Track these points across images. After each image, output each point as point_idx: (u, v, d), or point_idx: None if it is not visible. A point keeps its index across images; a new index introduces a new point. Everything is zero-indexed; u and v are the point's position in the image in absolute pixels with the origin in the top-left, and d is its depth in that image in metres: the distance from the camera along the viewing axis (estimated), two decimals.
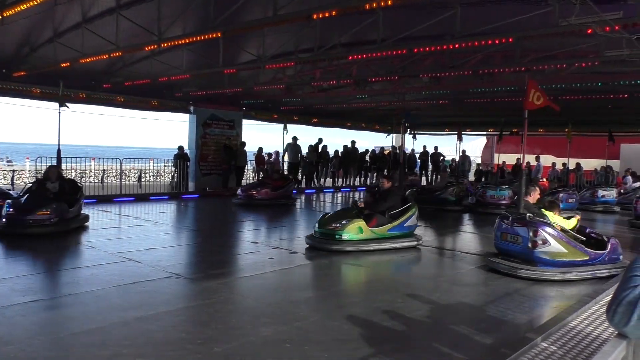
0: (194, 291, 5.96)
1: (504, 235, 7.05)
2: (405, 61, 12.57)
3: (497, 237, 7.21)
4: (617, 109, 18.08)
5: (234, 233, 10.20)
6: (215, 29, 8.69)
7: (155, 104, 17.36)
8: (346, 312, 5.04)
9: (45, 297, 5.21)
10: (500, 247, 7.16)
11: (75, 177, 16.25)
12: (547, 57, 10.57)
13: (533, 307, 5.62)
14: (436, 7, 8.74)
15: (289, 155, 19.00)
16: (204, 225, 11.47)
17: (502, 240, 7.09)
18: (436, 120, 24.63)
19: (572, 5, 6.03)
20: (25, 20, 9.68)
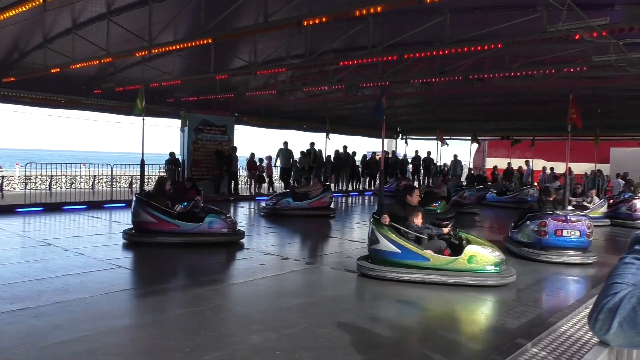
0: (184, 298, 5.92)
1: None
2: (396, 67, 12.63)
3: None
4: (606, 113, 18.25)
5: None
6: (206, 35, 8.69)
7: (147, 110, 17.27)
8: (337, 319, 5.02)
9: (32, 305, 5.15)
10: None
11: (66, 183, 16.19)
12: (536, 63, 10.67)
13: (524, 312, 5.63)
14: (426, 13, 8.80)
15: (280, 161, 19.00)
16: None
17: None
18: (428, 125, 24.74)
19: (560, 11, 6.08)
20: (14, 25, 9.63)
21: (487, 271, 6.51)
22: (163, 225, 8.71)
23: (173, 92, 15.84)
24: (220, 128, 18.33)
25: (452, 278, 6.43)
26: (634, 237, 1.28)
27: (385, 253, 6.64)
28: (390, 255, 6.61)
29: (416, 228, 6.79)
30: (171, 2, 9.05)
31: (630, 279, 1.19)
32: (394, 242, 6.58)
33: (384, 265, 6.61)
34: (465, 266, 6.47)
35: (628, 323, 1.12)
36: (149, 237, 8.68)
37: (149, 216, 8.70)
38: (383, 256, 6.67)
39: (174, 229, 8.73)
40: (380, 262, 6.69)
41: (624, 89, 13.24)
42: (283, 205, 12.91)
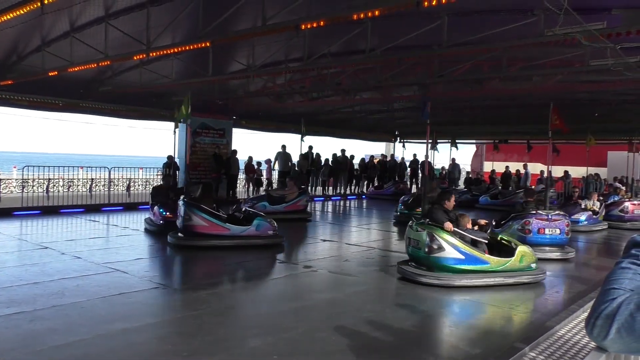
0: (181, 302, 5.91)
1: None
2: (394, 70, 12.64)
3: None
4: (603, 117, 18.32)
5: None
6: (204, 38, 8.68)
7: (145, 113, 17.30)
8: (334, 323, 5.01)
9: (28, 308, 5.13)
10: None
11: (63, 186, 16.14)
12: (534, 66, 10.69)
13: (521, 316, 5.63)
14: (424, 17, 8.81)
15: (279, 164, 18.99)
16: None
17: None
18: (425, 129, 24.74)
19: (557, 16, 6.09)
20: (12, 29, 9.62)
21: (531, 269, 6.90)
22: (215, 229, 8.87)
23: (171, 96, 15.83)
24: (218, 131, 18.32)
25: (511, 279, 6.71)
26: (630, 241, 1.27)
27: (449, 260, 6.57)
28: (454, 262, 6.58)
29: (473, 232, 6.88)
30: (169, 6, 9.05)
31: (627, 285, 1.19)
32: (459, 249, 6.58)
33: (446, 272, 6.57)
34: (516, 266, 6.76)
35: (626, 329, 1.12)
36: (201, 241, 8.77)
37: (201, 220, 8.81)
38: (447, 263, 6.58)
39: (224, 232, 8.90)
40: (442, 270, 6.59)
41: (621, 92, 13.29)
42: (259, 209, 12.23)
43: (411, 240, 6.98)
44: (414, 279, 6.66)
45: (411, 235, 6.99)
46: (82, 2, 8.79)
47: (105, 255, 8.05)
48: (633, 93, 13.05)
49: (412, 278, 6.70)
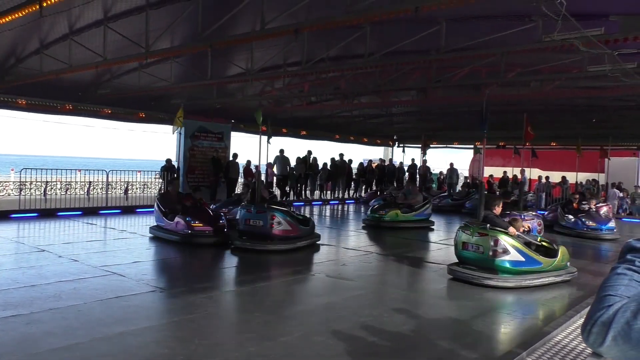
0: (178, 305, 5.89)
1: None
2: (392, 75, 12.67)
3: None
4: (601, 123, 18.37)
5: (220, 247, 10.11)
6: (203, 42, 8.70)
7: (143, 116, 17.30)
8: (332, 327, 5.00)
9: (25, 311, 5.11)
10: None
11: (61, 189, 16.10)
12: (532, 72, 10.73)
13: (519, 321, 5.62)
14: (422, 22, 8.84)
15: (277, 168, 19.00)
16: None
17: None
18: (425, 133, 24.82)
19: (555, 22, 6.12)
20: (10, 31, 9.62)
21: (567, 267, 7.53)
22: (296, 231, 9.29)
23: (170, 99, 15.83)
24: (217, 135, 18.32)
25: (559, 277, 7.30)
26: (626, 246, 1.27)
27: (513, 262, 6.94)
28: (517, 264, 6.97)
29: (528, 235, 7.41)
30: (168, 9, 9.07)
31: (623, 291, 1.19)
32: (521, 251, 6.96)
33: (508, 275, 6.93)
34: (560, 265, 7.35)
35: (622, 337, 1.12)
36: (289, 244, 9.04)
37: (287, 223, 9.14)
38: (512, 266, 6.94)
39: (299, 233, 9.32)
40: (505, 272, 6.92)
41: (618, 98, 13.34)
42: (234, 214, 11.56)
43: (469, 244, 7.27)
44: (478, 282, 6.93)
45: (470, 240, 7.27)
46: (81, 5, 8.79)
47: (103, 258, 8.03)
48: (630, 99, 13.09)
49: (475, 281, 6.96)
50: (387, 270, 8.29)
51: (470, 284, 6.95)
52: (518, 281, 6.93)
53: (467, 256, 7.31)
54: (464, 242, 7.37)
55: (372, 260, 8.92)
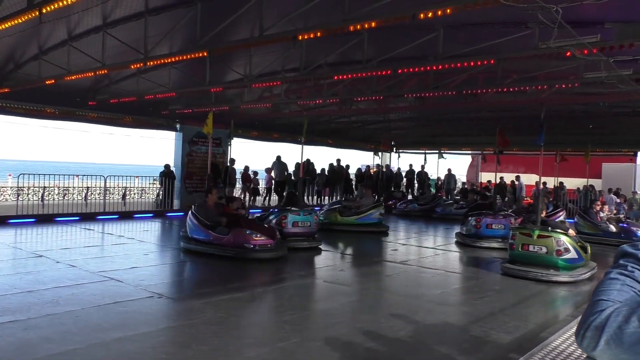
0: (176, 311, 5.89)
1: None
2: (390, 81, 12.73)
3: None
4: (597, 129, 18.45)
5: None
6: (202, 48, 8.73)
7: (141, 122, 17.32)
8: (329, 333, 5.01)
9: (22, 317, 5.11)
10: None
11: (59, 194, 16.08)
12: (528, 79, 10.79)
13: (516, 327, 5.63)
14: (419, 29, 8.89)
15: (275, 173, 19.02)
16: None
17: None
18: (422, 139, 24.91)
19: (551, 29, 6.17)
20: (9, 37, 9.65)
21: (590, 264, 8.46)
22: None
23: (168, 104, 15.86)
24: (215, 140, 18.34)
25: (592, 270, 8.26)
26: (619, 251, 1.30)
27: (571, 260, 7.93)
28: (573, 261, 7.99)
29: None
30: (167, 15, 9.11)
31: (615, 296, 1.21)
32: (576, 249, 7.97)
33: (566, 271, 7.91)
34: (589, 258, 8.42)
35: (615, 341, 1.14)
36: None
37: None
38: (569, 263, 7.95)
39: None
40: (565, 269, 7.91)
41: (614, 105, 13.40)
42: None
43: (529, 245, 8.11)
44: (546, 279, 7.77)
45: (531, 241, 8.08)
46: (80, 12, 8.82)
47: (100, 263, 8.02)
48: (626, 105, 13.17)
49: (542, 278, 7.79)
50: (385, 275, 8.29)
51: (535, 280, 7.73)
52: (576, 276, 7.86)
53: (528, 256, 8.13)
54: (524, 244, 8.13)
55: (369, 265, 8.93)
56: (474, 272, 8.92)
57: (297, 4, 7.69)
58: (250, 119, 18.74)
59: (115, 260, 8.42)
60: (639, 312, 1.12)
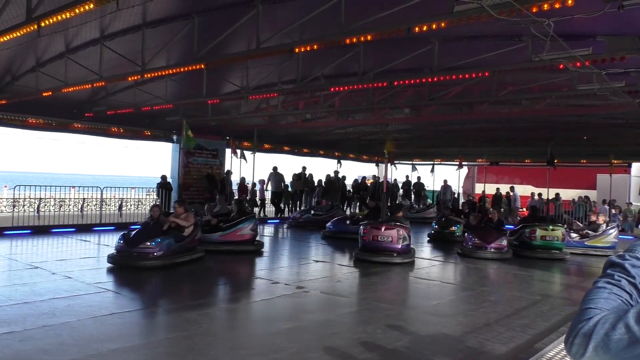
0: (172, 322, 5.89)
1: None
2: (386, 93, 12.83)
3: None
4: (591, 140, 18.58)
5: (215, 263, 10.12)
6: (199, 60, 8.82)
7: (138, 133, 17.37)
8: (326, 344, 5.02)
9: (18, 328, 5.10)
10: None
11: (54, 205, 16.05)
12: (522, 91, 10.90)
13: (511, 337, 5.65)
14: (415, 42, 9.00)
15: (271, 185, 19.06)
16: None
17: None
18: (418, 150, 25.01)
19: (544, 42, 6.27)
20: (7, 50, 9.71)
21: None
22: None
23: (165, 116, 15.92)
24: (212, 152, 18.40)
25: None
26: (607, 262, 1.34)
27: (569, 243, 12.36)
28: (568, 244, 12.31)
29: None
30: (164, 28, 9.19)
31: (602, 304, 1.24)
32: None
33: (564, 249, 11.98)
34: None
35: (602, 348, 1.17)
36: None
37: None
38: (569, 245, 12.30)
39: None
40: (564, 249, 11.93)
41: (608, 116, 13.53)
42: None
43: (547, 236, 11.86)
44: (560, 257, 11.70)
45: (548, 233, 11.87)
46: (78, 25, 8.89)
47: (97, 275, 8.01)
48: (619, 117, 13.30)
49: (557, 257, 11.70)
50: (384, 287, 8.31)
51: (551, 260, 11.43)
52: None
53: (544, 243, 11.80)
54: (543, 235, 11.81)
55: (366, 276, 8.94)
56: (470, 283, 8.94)
57: (293, 17, 7.80)
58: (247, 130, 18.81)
59: (111, 271, 8.40)
60: (625, 320, 1.16)
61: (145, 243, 8.54)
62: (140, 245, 8.52)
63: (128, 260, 8.46)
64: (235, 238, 10.69)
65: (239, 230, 10.79)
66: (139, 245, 8.52)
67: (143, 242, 8.55)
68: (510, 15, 5.28)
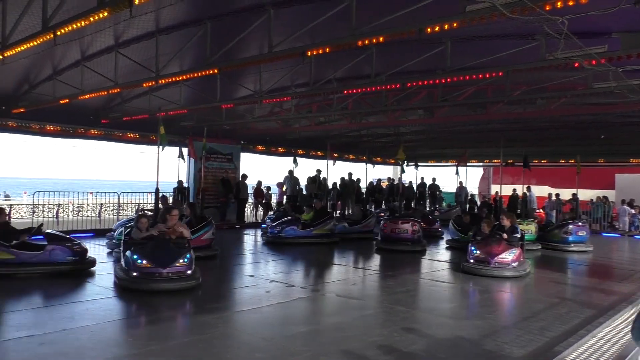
0: (189, 326, 5.93)
1: None
2: (399, 95, 12.80)
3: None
4: (609, 139, 18.32)
5: (230, 266, 10.16)
6: (212, 65, 8.88)
7: (153, 138, 17.53)
8: (341, 347, 5.01)
9: (38, 332, 5.17)
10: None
11: (72, 211, 16.29)
12: (537, 90, 10.79)
13: (530, 340, 5.59)
14: (427, 43, 8.97)
15: (286, 188, 19.10)
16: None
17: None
18: (432, 152, 24.90)
19: (558, 40, 6.21)
20: (25, 59, 9.88)
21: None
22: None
23: (179, 121, 16.05)
24: (226, 156, 18.49)
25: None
26: None
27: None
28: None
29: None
30: (178, 34, 9.29)
31: None
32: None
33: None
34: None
35: None
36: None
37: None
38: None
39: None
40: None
41: (625, 115, 13.34)
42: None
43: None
44: (569, 249, 12.97)
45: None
46: (93, 33, 9.02)
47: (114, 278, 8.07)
48: (637, 115, 13.10)
49: (567, 249, 13.00)
50: (403, 289, 8.27)
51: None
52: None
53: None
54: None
55: (381, 279, 8.91)
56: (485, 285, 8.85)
57: (305, 20, 7.82)
58: (261, 134, 18.92)
59: None
60: None
61: (178, 261, 7.36)
62: (172, 264, 7.29)
63: (160, 283, 7.16)
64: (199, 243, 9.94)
65: (201, 236, 10.38)
66: (170, 265, 7.27)
67: (173, 261, 7.32)
68: (523, 13, 5.24)
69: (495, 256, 9.05)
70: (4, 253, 7.75)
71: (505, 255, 9.09)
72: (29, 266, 7.89)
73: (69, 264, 8.15)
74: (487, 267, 9.02)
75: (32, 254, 7.92)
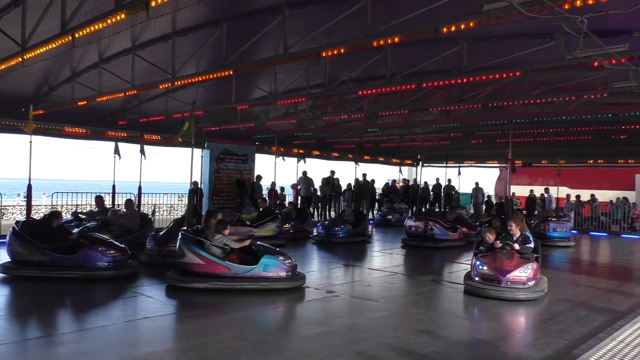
0: (205, 326, 5.94)
1: None
2: (415, 95, 12.73)
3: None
4: (630, 140, 18.01)
5: None
6: (228, 67, 8.92)
7: (169, 140, 17.64)
8: (356, 348, 4.98)
9: (56, 332, 5.24)
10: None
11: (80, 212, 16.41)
12: (555, 90, 10.65)
13: (548, 343, 5.51)
14: (443, 43, 8.91)
15: (301, 189, 19.10)
16: None
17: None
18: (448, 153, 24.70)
19: (577, 39, 6.11)
20: (44, 61, 10.02)
21: None
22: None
23: (195, 123, 16.12)
24: (241, 157, 18.57)
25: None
26: None
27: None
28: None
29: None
30: (193, 36, 9.35)
31: None
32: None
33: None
34: None
35: None
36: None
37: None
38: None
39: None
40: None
41: None
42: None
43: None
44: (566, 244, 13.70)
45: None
46: (111, 35, 9.12)
47: (131, 279, 8.14)
48: None
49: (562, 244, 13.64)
50: (413, 292, 8.22)
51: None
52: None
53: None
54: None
55: (396, 280, 8.86)
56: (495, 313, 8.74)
57: (320, 21, 7.82)
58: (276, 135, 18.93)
59: (144, 276, 8.53)
60: None
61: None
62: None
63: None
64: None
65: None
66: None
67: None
68: (542, 12, 5.17)
69: (507, 273, 7.23)
70: (38, 254, 7.83)
71: (520, 272, 7.25)
72: (62, 270, 7.78)
73: (102, 270, 7.91)
74: (497, 287, 7.23)
75: (65, 257, 7.85)
